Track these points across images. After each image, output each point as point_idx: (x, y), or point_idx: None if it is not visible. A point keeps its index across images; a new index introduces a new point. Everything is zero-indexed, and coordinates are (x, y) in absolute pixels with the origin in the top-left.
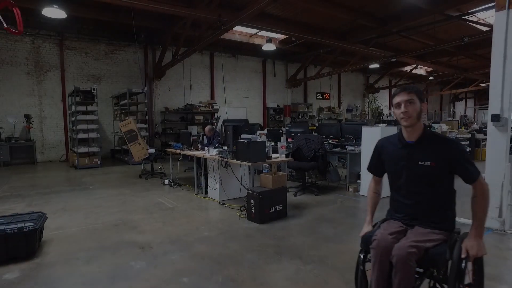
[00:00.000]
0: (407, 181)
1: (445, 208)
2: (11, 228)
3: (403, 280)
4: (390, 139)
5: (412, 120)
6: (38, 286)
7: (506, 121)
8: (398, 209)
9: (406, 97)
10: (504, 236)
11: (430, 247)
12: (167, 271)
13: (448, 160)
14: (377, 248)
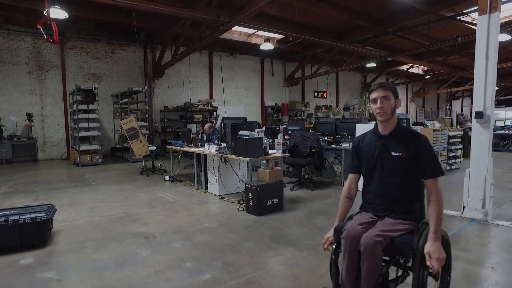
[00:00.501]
0: (380, 171)
1: (414, 200)
2: (25, 218)
3: (370, 267)
4: (366, 134)
5: (387, 115)
6: (52, 271)
7: (489, 118)
8: (370, 200)
9: (382, 94)
10: (486, 226)
11: (397, 236)
12: (170, 257)
13: (416, 152)
14: (346, 238)
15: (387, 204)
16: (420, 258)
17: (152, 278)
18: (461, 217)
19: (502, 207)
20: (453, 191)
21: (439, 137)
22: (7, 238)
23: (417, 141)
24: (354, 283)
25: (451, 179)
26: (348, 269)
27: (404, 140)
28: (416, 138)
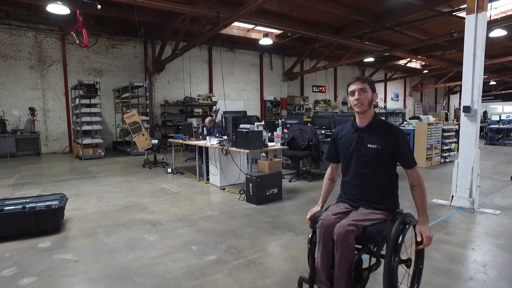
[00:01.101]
0: (356, 162)
1: (388, 190)
2: (41, 205)
3: (343, 255)
4: (344, 126)
5: (363, 107)
6: (69, 253)
7: (476, 112)
8: (346, 190)
9: (360, 86)
10: (473, 213)
11: (369, 225)
12: (177, 241)
13: (392, 144)
14: (321, 227)
15: (362, 195)
16: (391, 246)
17: (161, 259)
18: (449, 205)
19: (489, 196)
20: (444, 183)
21: (433, 131)
22: (24, 224)
23: (392, 134)
24: (328, 270)
25: (444, 171)
26: (322, 257)
27: (380, 132)
28: (392, 131)
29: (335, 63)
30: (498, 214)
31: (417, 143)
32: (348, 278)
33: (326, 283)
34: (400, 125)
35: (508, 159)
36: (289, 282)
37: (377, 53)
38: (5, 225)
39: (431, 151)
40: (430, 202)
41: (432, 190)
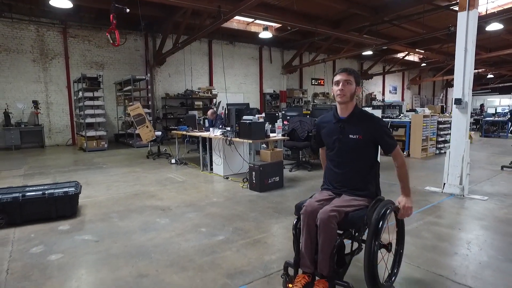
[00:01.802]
0: (339, 152)
1: (369, 178)
2: (59, 192)
3: (326, 239)
4: (326, 117)
5: (346, 98)
6: (88, 234)
7: (466, 104)
8: (330, 178)
9: (345, 77)
10: (462, 199)
11: (351, 211)
12: (187, 224)
13: (372, 134)
14: (305, 213)
15: (344, 182)
16: (372, 231)
17: (174, 239)
18: (441, 192)
19: (479, 184)
20: (438, 172)
21: (429, 123)
22: (44, 209)
23: (372, 123)
24: (312, 254)
25: (439, 161)
26: (306, 242)
27: (361, 123)
28: (372, 121)
29: (334, 57)
30: (485, 199)
31: (413, 134)
32: (331, 261)
33: (310, 266)
34: (396, 117)
35: (501, 151)
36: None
37: (376, 46)
38: (27, 210)
39: (426, 142)
40: (423, 189)
41: (426, 179)
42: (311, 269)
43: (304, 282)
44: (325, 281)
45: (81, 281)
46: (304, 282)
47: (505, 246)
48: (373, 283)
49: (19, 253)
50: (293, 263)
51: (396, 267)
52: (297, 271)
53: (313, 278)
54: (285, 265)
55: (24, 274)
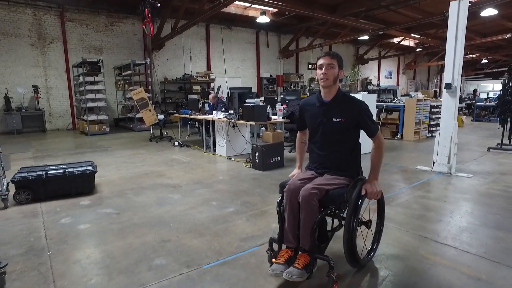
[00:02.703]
0: (322, 134)
1: (351, 159)
2: (78, 170)
3: (307, 216)
4: (310, 100)
5: (328, 82)
6: (108, 208)
7: (455, 89)
8: (313, 159)
9: (328, 61)
10: (450, 177)
11: (331, 189)
12: (198, 199)
13: (355, 117)
14: (287, 191)
15: (327, 163)
16: (351, 208)
17: (188, 211)
18: (431, 171)
19: (466, 164)
20: (429, 153)
21: (422, 107)
22: (65, 186)
23: (355, 107)
24: (295, 230)
25: (430, 144)
26: (289, 219)
27: (344, 106)
28: (354, 104)
29: (330, 41)
30: (470, 177)
31: (406, 118)
32: (311, 237)
33: (293, 241)
34: (391, 101)
35: (490, 134)
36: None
37: (372, 31)
38: (50, 187)
39: (419, 125)
40: (414, 168)
41: (417, 159)
42: (294, 244)
43: (287, 256)
44: (306, 255)
45: (112, 245)
46: (287, 256)
47: (483, 215)
48: (352, 257)
49: (51, 223)
50: (277, 239)
51: (375, 243)
52: (281, 246)
53: (296, 253)
54: (270, 241)
55: (60, 239)
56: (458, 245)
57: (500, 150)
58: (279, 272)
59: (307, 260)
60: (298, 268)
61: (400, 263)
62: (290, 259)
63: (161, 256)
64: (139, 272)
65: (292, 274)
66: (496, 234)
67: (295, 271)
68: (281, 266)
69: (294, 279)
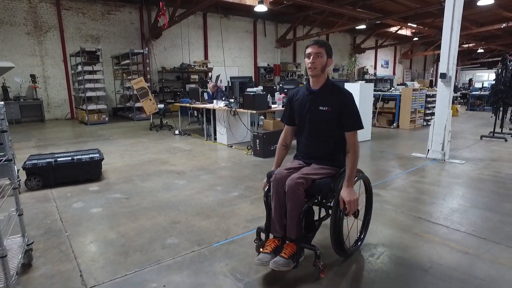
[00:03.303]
0: (309, 123)
1: (338, 149)
2: (86, 157)
3: (293, 205)
4: (299, 89)
5: (316, 71)
6: (117, 193)
7: (450, 78)
8: (301, 149)
9: (316, 50)
10: (443, 163)
11: (317, 178)
12: (203, 184)
13: (340, 106)
14: (274, 181)
15: (314, 153)
16: (338, 198)
17: (194, 196)
18: (426, 157)
19: (459, 151)
20: (424, 141)
21: (418, 96)
22: (74, 173)
23: (341, 96)
24: (282, 220)
25: (426, 132)
26: (276, 208)
27: (331, 96)
28: (341, 94)
29: (327, 30)
30: (463, 163)
31: (402, 107)
32: (298, 226)
33: (280, 231)
34: (387, 91)
35: (483, 123)
36: None
37: (369, 20)
38: (59, 173)
39: (415, 114)
40: (410, 155)
41: (413, 147)
42: (281, 234)
43: (274, 245)
44: (293, 245)
45: (125, 226)
46: (274, 246)
47: (473, 197)
48: (339, 247)
49: (64, 208)
50: (264, 228)
51: (363, 232)
52: (268, 235)
53: (283, 242)
54: (258, 230)
55: (75, 221)
56: (449, 224)
57: (492, 138)
58: (266, 262)
59: (293, 249)
60: (284, 258)
61: (396, 240)
62: (277, 248)
63: (173, 236)
64: (153, 250)
65: (278, 264)
66: (484, 214)
67: (281, 261)
68: (268, 256)
69: (280, 268)
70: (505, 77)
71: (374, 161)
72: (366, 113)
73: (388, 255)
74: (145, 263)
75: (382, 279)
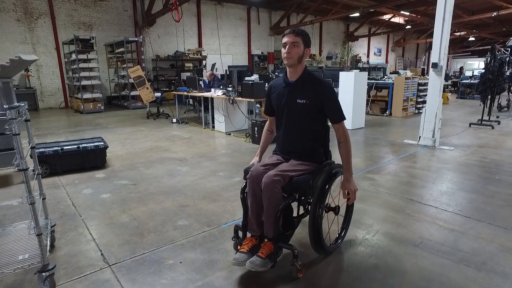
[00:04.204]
0: (287, 116)
1: (317, 144)
2: (91, 146)
3: (270, 203)
4: (277, 81)
5: (292, 61)
6: (124, 180)
7: (442, 68)
8: (279, 143)
9: (292, 39)
10: (434, 149)
11: (296, 175)
12: (205, 170)
13: (320, 99)
14: (250, 178)
15: (293, 147)
16: (317, 194)
17: (198, 181)
18: (417, 144)
19: (448, 138)
20: (416, 128)
21: (410, 84)
22: (79, 160)
23: (320, 88)
24: (259, 218)
25: (417, 120)
26: (252, 206)
27: (309, 87)
28: (320, 86)
29: (321, 18)
30: (452, 150)
31: (395, 95)
32: (275, 225)
33: (257, 230)
34: (380, 79)
35: (472, 111)
36: None
37: (363, 8)
38: (66, 161)
39: (407, 102)
40: (402, 142)
41: (405, 134)
42: (258, 232)
43: (251, 244)
44: (270, 244)
45: (136, 210)
46: (251, 245)
47: (460, 181)
48: (318, 245)
49: (74, 193)
50: (241, 226)
51: (344, 230)
52: (245, 234)
53: (260, 241)
54: (235, 228)
55: (88, 206)
56: (438, 205)
57: (480, 126)
58: (242, 262)
59: (271, 249)
60: (261, 257)
61: (390, 219)
62: (254, 247)
63: (183, 218)
64: (166, 231)
65: (254, 264)
66: (470, 196)
67: (258, 261)
68: (244, 255)
69: (256, 268)
70: (493, 66)
71: (368, 147)
72: (360, 101)
73: (382, 233)
74: (160, 243)
75: (378, 253)
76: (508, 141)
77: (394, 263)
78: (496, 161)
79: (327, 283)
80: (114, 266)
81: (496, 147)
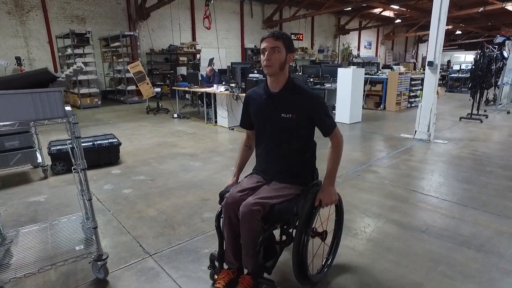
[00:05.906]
0: (270, 133)
1: (304, 161)
2: (105, 142)
3: (248, 236)
4: (257, 90)
5: (273, 69)
6: (140, 176)
7: (436, 66)
8: (260, 162)
9: (271, 44)
10: (429, 143)
11: (278, 202)
12: (217, 166)
13: (308, 112)
14: (225, 205)
15: (275, 167)
16: (302, 222)
17: (213, 176)
18: (413, 138)
19: (441, 132)
20: (409, 122)
21: (403, 79)
22: (95, 157)
23: (307, 100)
24: (236, 250)
25: (410, 114)
26: (228, 237)
27: (295, 100)
28: (307, 97)
29: (314, 12)
30: (445, 143)
31: (389, 90)
32: (254, 258)
33: (235, 262)
34: (374, 74)
35: (461, 104)
36: None
37: (356, 3)
38: None
39: (400, 97)
40: (399, 136)
41: (400, 128)
42: (236, 265)
43: (227, 278)
44: (249, 279)
45: (161, 204)
46: (227, 279)
47: (455, 173)
48: (302, 275)
49: (96, 189)
50: (217, 257)
51: (330, 257)
52: (222, 265)
53: (239, 273)
54: (211, 257)
55: (113, 201)
56: (438, 195)
57: (469, 120)
58: None
59: (249, 284)
60: None
61: (397, 209)
62: (232, 282)
63: (207, 211)
64: (195, 224)
65: None
66: (465, 186)
67: None
68: None
69: None
70: (482, 63)
71: (367, 141)
72: (358, 96)
73: (391, 220)
74: (193, 234)
75: (388, 238)
76: (495, 135)
77: (404, 247)
78: (486, 154)
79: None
80: (155, 255)
81: (485, 140)
